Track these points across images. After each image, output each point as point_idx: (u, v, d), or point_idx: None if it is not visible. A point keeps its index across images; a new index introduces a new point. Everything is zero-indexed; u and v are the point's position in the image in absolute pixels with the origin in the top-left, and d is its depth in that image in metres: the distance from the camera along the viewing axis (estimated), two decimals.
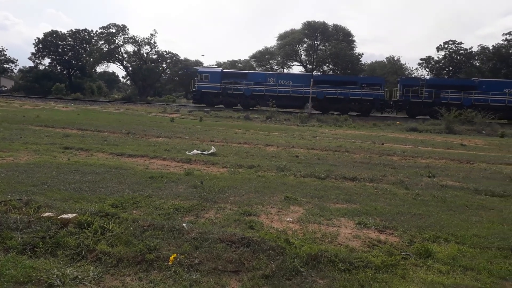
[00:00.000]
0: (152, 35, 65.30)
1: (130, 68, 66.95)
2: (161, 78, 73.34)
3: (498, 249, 4.67)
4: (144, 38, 65.03)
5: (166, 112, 32.55)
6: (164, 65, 71.02)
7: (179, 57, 72.24)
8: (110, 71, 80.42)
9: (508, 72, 56.03)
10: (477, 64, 62.60)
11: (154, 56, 68.11)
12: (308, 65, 65.40)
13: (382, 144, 15.89)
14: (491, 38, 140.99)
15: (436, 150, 14.64)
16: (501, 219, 5.89)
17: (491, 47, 60.13)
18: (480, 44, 69.56)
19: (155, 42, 66.09)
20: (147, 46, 65.97)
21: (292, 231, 4.98)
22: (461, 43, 62.77)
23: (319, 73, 50.15)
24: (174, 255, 3.99)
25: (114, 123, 19.58)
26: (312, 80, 37.63)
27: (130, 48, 65.76)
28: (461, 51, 62.98)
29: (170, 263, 3.90)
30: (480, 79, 38.00)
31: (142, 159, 9.77)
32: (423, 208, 6.33)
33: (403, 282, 3.82)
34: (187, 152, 10.90)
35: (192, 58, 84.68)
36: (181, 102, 55.31)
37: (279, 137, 17.13)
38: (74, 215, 4.78)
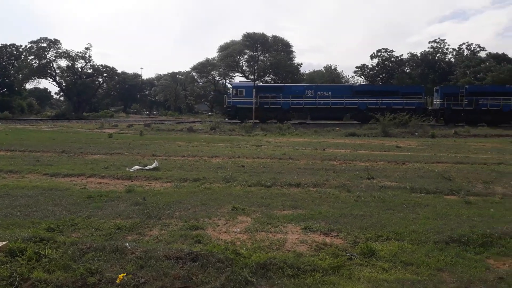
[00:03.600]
0: (87, 49, 62.74)
1: (64, 84, 63.79)
2: (98, 93, 70.60)
3: (434, 242, 4.96)
4: (78, 52, 62.35)
5: (104, 127, 31.27)
6: (101, 79, 68.46)
7: (116, 70, 70.14)
8: (42, 87, 75.85)
9: (435, 77, 60.57)
10: (408, 70, 67.02)
11: (89, 71, 65.47)
12: (250, 76, 66.23)
13: (324, 149, 16.40)
14: (419, 45, 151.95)
15: (373, 153, 15.36)
16: (435, 214, 6.27)
17: (419, 54, 64.74)
18: (410, 52, 74.65)
19: (90, 56, 63.54)
20: (82, 61, 63.31)
21: (241, 241, 4.95)
22: (392, 51, 66.99)
23: (359, 83, 47.90)
24: (123, 274, 3.80)
25: (47, 141, 18.44)
26: (353, 90, 37.31)
27: (63, 63, 62.68)
28: (392, 59, 67.14)
29: (118, 281, 3.70)
30: None
31: (79, 179, 9.27)
32: (365, 209, 6.59)
33: (350, 282, 3.92)
34: (127, 169, 10.51)
35: (130, 71, 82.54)
36: (120, 117, 53.38)
37: (225, 147, 17.09)
38: (4, 242, 4.40)
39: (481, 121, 34.86)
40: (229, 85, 42.00)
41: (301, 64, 71.42)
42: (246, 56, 65.90)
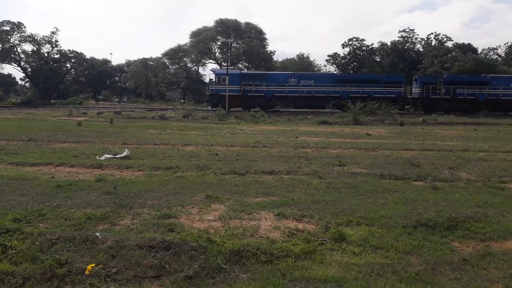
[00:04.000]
0: (53, 33, 60.03)
1: (29, 69, 61.12)
2: (66, 79, 68.15)
3: (403, 227, 5.13)
4: (44, 36, 59.65)
5: (73, 115, 30.33)
6: (68, 65, 66.09)
7: (85, 56, 67.81)
8: (6, 72, 72.33)
9: (404, 66, 61.78)
10: (378, 59, 68.06)
11: (56, 56, 62.88)
12: (223, 63, 65.64)
13: (297, 137, 16.54)
14: (389, 35, 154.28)
15: (345, 141, 15.63)
16: (404, 200, 6.47)
17: (389, 44, 65.80)
18: (380, 41, 75.66)
19: (56, 41, 60.90)
20: (48, 45, 60.59)
21: (214, 229, 4.96)
22: (363, 40, 67.67)
23: (341, 72, 46.76)
24: (92, 265, 3.74)
25: (13, 129, 17.74)
26: (335, 79, 37.19)
27: (28, 47, 59.91)
28: (363, 48, 67.91)
29: (87, 273, 3.64)
30: (491, 75, 39.75)
31: (46, 168, 8.99)
32: (336, 195, 6.71)
33: (321, 267, 4.01)
34: (97, 157, 10.27)
35: (99, 56, 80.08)
36: (89, 104, 51.85)
37: (198, 136, 16.95)
38: None
39: (458, 110, 35.70)
40: (211, 72, 40.81)
41: (274, 51, 71.33)
42: (219, 43, 65.10)
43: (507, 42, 70.27)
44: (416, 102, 38.52)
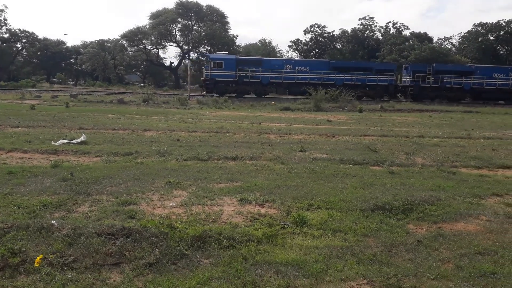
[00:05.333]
0: (1, 10, 56.59)
1: None
2: (16, 60, 64.46)
3: (361, 210, 5.29)
4: None
5: (25, 98, 28.81)
6: (19, 45, 62.50)
7: (37, 36, 64.34)
8: None
9: (364, 53, 63.21)
10: (339, 46, 69.14)
11: (5, 35, 59.30)
12: (184, 46, 64.39)
13: (260, 123, 16.59)
14: (351, 22, 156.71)
15: (306, 127, 15.85)
16: (362, 184, 6.68)
17: (350, 31, 66.91)
18: (341, 28, 76.77)
19: (5, 19, 57.54)
20: None
21: (176, 215, 4.90)
22: (324, 26, 68.46)
23: (334, 60, 44.82)
24: (41, 256, 3.59)
25: None
26: (330, 66, 36.82)
27: None
28: (325, 34, 68.72)
29: (36, 265, 3.50)
30: (476, 65, 40.90)
31: None
32: (297, 180, 6.82)
33: (283, 250, 4.08)
34: (52, 142, 9.84)
35: (52, 37, 76.14)
36: (43, 87, 49.37)
37: (159, 121, 16.60)
38: None
39: (445, 98, 37.08)
40: (208, 56, 38.99)
41: (237, 36, 70.71)
42: (179, 25, 63.64)
43: (460, 32, 73.49)
44: (406, 90, 39.47)
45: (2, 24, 57.61)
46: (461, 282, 3.54)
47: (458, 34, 74.80)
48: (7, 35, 59.51)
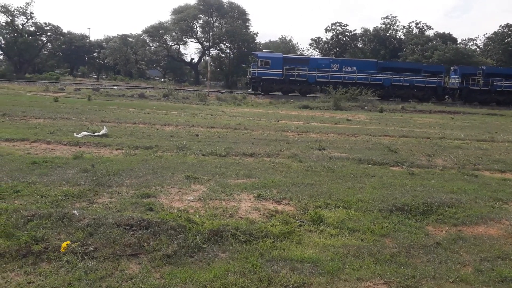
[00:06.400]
0: (28, 4, 57.73)
1: (3, 41, 58.75)
2: (41, 53, 65.88)
3: (379, 210, 5.24)
4: (18, 7, 57.26)
5: (49, 90, 29.47)
6: (44, 39, 63.81)
7: (62, 30, 65.58)
8: None
9: (385, 53, 62.26)
10: (360, 46, 68.30)
11: (31, 28, 60.58)
12: (204, 42, 64.63)
13: (278, 121, 16.56)
14: (371, 20, 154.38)
15: (325, 125, 15.75)
16: (381, 184, 6.60)
17: (371, 30, 66.00)
18: (363, 27, 75.77)
19: (31, 13, 58.61)
20: (23, 17, 58.24)
21: (194, 209, 4.95)
22: (346, 25, 67.66)
23: (382, 61, 44.85)
24: (68, 242, 3.69)
25: None
26: (377, 66, 36.81)
27: (1, 18, 57.57)
28: (346, 33, 67.95)
29: (62, 250, 3.59)
30: None
31: (22, 143, 8.75)
32: (315, 178, 6.79)
33: (299, 247, 4.07)
34: (75, 134, 10.05)
35: (77, 31, 77.59)
36: (66, 80, 50.39)
37: (178, 116, 16.76)
38: None
39: (494, 101, 36.41)
40: (256, 55, 38.99)
41: (257, 33, 70.60)
42: (200, 22, 63.85)
43: (486, 33, 71.62)
44: (454, 93, 38.74)
45: (29, 18, 58.85)
46: (481, 286, 3.48)
47: (484, 35, 72.92)
48: (33, 28, 60.79)
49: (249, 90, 38.80)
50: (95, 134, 10.16)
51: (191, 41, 66.22)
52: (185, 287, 3.26)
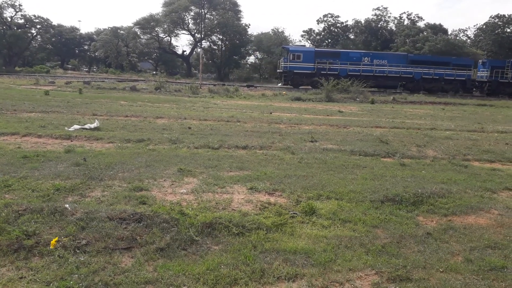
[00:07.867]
0: None
1: None
2: (31, 46, 64.99)
3: (371, 201, 5.29)
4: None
5: (39, 83, 29.11)
6: (34, 31, 62.90)
7: (51, 22, 64.64)
8: None
9: (377, 44, 62.27)
10: (352, 37, 68.26)
11: (20, 21, 59.60)
12: (196, 34, 64.13)
13: (271, 113, 16.55)
14: (362, 8, 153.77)
15: (317, 117, 15.77)
16: (372, 175, 6.65)
17: (363, 21, 65.93)
18: (354, 18, 75.65)
19: (20, 5, 57.69)
20: (11, 9, 57.28)
21: (187, 202, 4.96)
22: (338, 16, 67.62)
23: (413, 54, 44.16)
24: (56, 239, 3.67)
25: None
26: (408, 59, 36.65)
27: None
28: (338, 24, 67.85)
29: (51, 247, 3.58)
30: None
31: (12, 137, 8.67)
32: (307, 170, 6.82)
33: (292, 239, 4.10)
34: (66, 128, 9.97)
35: (67, 24, 76.51)
36: (56, 73, 49.79)
37: (170, 108, 16.67)
38: None
39: None
40: (287, 49, 38.52)
41: (249, 25, 70.20)
42: (192, 13, 63.26)
43: (476, 24, 71.91)
44: (483, 86, 38.80)
45: (17, 10, 57.89)
46: (471, 275, 3.54)
47: (474, 26, 73.30)
48: (22, 21, 59.79)
49: (279, 84, 38.72)
50: (86, 127, 10.08)
51: (183, 33, 65.92)
52: (178, 280, 3.27)
